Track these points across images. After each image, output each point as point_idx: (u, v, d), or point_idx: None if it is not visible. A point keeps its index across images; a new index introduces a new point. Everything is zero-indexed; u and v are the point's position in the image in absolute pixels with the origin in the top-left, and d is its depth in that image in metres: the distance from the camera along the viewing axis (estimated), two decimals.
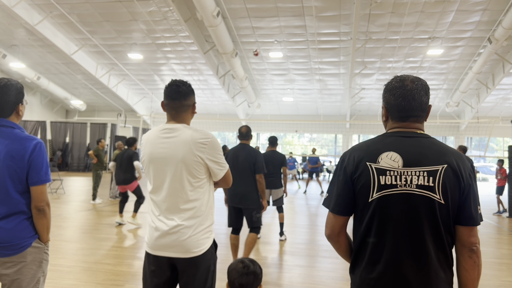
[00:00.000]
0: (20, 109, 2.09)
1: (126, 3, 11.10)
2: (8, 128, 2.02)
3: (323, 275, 4.58)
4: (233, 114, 21.56)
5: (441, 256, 1.43)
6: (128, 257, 5.05)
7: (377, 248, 1.46)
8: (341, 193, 1.53)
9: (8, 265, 1.97)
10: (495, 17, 10.61)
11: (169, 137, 2.06)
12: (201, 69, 15.97)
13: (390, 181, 1.44)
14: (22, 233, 1.98)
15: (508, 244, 6.58)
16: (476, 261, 1.45)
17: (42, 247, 2.08)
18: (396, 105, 1.52)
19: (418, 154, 1.45)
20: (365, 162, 1.48)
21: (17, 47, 15.09)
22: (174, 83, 2.11)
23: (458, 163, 1.44)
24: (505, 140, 20.86)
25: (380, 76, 15.37)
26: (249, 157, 4.33)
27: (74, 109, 22.60)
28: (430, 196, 1.41)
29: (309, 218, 8.41)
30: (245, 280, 1.95)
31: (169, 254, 2.02)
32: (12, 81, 2.05)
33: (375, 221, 1.46)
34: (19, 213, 1.98)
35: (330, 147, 22.91)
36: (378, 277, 1.45)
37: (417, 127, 1.54)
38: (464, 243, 1.45)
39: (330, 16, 11.10)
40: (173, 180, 2.03)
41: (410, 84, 1.50)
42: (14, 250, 1.96)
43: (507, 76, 13.89)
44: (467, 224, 1.44)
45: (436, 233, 1.42)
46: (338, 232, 1.56)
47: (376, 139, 1.55)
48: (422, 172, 1.42)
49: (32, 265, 2.02)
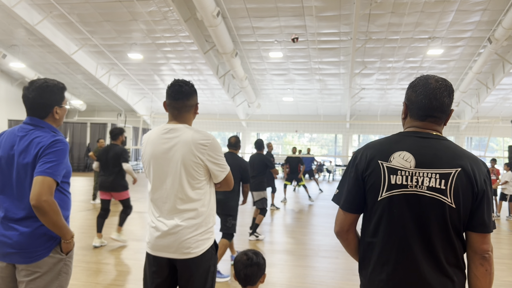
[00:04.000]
0: (57, 111, 1.98)
1: (126, 3, 11.10)
2: (37, 127, 1.92)
3: (323, 275, 4.58)
4: (233, 114, 21.56)
5: (451, 260, 1.40)
6: (128, 257, 5.05)
7: (385, 249, 1.44)
8: (352, 190, 1.51)
9: (23, 273, 1.85)
10: (495, 17, 10.61)
11: (170, 137, 2.05)
12: (201, 69, 15.96)
13: (401, 181, 1.41)
14: (39, 239, 1.84)
15: (508, 244, 6.58)
16: (488, 269, 1.41)
17: (63, 258, 1.91)
18: (416, 102, 1.49)
19: (431, 156, 1.42)
20: (376, 160, 1.46)
21: (17, 47, 15.08)
22: (177, 83, 2.09)
23: (473, 167, 1.40)
24: (505, 140, 20.86)
25: (380, 76, 15.36)
26: (237, 167, 4.41)
27: (74, 109, 22.59)
28: (441, 199, 1.38)
29: (309, 218, 8.40)
30: (250, 271, 2.10)
31: (168, 255, 2.01)
32: (50, 83, 1.95)
33: (384, 220, 1.44)
34: None
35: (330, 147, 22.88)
36: (386, 278, 1.43)
37: (434, 128, 1.50)
38: (476, 250, 1.42)
39: (330, 16, 11.10)
40: (173, 181, 2.02)
41: (434, 83, 1.47)
42: (29, 258, 1.83)
43: (507, 76, 13.88)
44: (479, 231, 1.41)
45: (445, 237, 1.39)
46: (347, 230, 1.55)
47: (391, 137, 1.52)
48: (434, 174, 1.39)
49: (47, 277, 1.86)
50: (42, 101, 1.94)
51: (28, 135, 1.90)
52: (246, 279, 2.11)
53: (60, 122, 2.03)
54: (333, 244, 6.07)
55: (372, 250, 1.48)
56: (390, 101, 18.32)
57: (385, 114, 20.29)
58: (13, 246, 1.84)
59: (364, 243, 1.53)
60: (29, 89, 1.94)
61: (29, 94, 1.94)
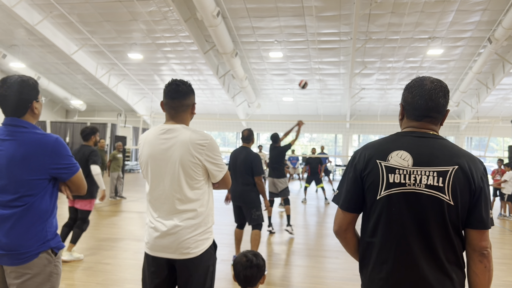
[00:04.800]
0: (36, 106, 1.93)
1: (126, 3, 11.10)
2: (21, 128, 1.86)
3: (323, 275, 4.57)
4: (233, 114, 21.55)
5: (450, 257, 1.42)
6: (128, 257, 5.05)
7: (385, 247, 1.45)
8: (350, 190, 1.53)
9: (13, 275, 1.83)
10: (495, 17, 10.60)
11: (167, 137, 2.04)
12: (201, 69, 15.96)
13: (399, 179, 1.43)
14: (30, 241, 1.83)
15: (508, 244, 6.58)
16: (487, 265, 1.43)
17: (52, 259, 1.91)
18: (412, 103, 1.52)
19: (429, 154, 1.44)
20: (375, 160, 1.48)
21: (17, 47, 15.08)
22: (174, 82, 2.08)
23: (469, 165, 1.42)
24: (505, 140, 20.86)
25: (380, 76, 15.36)
26: (247, 160, 4.58)
27: (74, 109, 22.59)
28: (439, 196, 1.40)
29: (309, 218, 8.40)
30: (249, 272, 2.09)
31: (168, 255, 2.01)
32: (24, 78, 1.90)
33: (382, 219, 1.46)
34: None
35: (330, 147, 22.86)
36: (386, 277, 1.44)
37: (431, 128, 1.52)
38: (474, 247, 1.43)
39: (330, 16, 11.10)
40: (171, 181, 2.01)
41: (429, 84, 1.50)
42: (19, 260, 1.82)
43: (507, 76, 13.87)
44: (477, 227, 1.42)
45: (444, 234, 1.41)
46: (345, 229, 1.56)
47: (388, 137, 1.55)
48: (432, 172, 1.41)
49: (38, 278, 1.85)
50: (22, 97, 1.88)
51: (17, 141, 1.85)
52: (246, 280, 2.11)
53: (38, 117, 1.99)
54: (333, 244, 6.07)
55: (371, 249, 1.50)
56: (390, 101, 18.31)
57: (385, 114, 20.28)
58: (1, 248, 1.82)
59: (363, 242, 1.54)
60: (4, 87, 1.86)
61: (5, 91, 1.85)
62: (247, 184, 4.57)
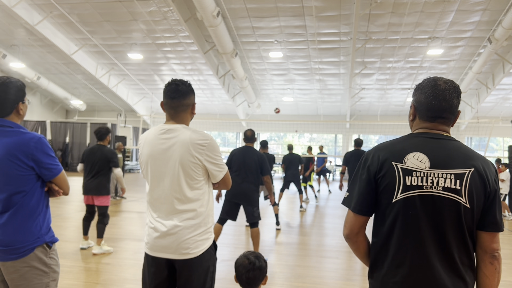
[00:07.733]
0: (21, 108, 1.99)
1: (126, 3, 11.09)
2: (6, 128, 1.92)
3: (323, 275, 4.57)
4: (233, 114, 21.55)
5: (465, 260, 1.41)
6: (128, 257, 5.05)
7: (400, 251, 1.43)
8: (363, 192, 1.49)
9: (10, 270, 1.88)
10: (495, 17, 10.60)
11: (167, 137, 2.03)
12: (201, 69, 15.96)
13: (416, 182, 1.41)
14: (24, 236, 1.88)
15: (508, 244, 6.58)
16: (497, 267, 1.43)
17: (47, 252, 1.97)
18: (426, 103, 1.49)
19: (445, 156, 1.43)
20: (390, 162, 1.45)
21: (17, 47, 15.08)
22: (174, 82, 2.08)
23: (484, 167, 1.42)
24: (505, 140, 20.86)
25: (380, 76, 15.36)
26: (255, 160, 4.78)
27: (74, 109, 22.59)
28: (456, 199, 1.39)
29: (309, 219, 8.40)
30: (252, 275, 2.11)
31: (167, 255, 2.01)
32: (12, 79, 1.96)
33: (399, 222, 1.43)
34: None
35: (330, 147, 22.86)
36: (401, 280, 1.42)
37: (444, 129, 1.51)
38: (486, 249, 1.43)
39: (330, 16, 11.10)
40: (171, 181, 2.01)
41: (443, 85, 1.48)
42: (15, 255, 1.87)
43: (507, 76, 13.87)
44: (491, 229, 1.42)
45: (460, 237, 1.40)
46: (357, 232, 1.53)
47: (401, 139, 1.52)
48: (449, 174, 1.40)
49: (36, 271, 1.92)
50: (8, 97, 1.93)
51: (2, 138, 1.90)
52: (248, 282, 2.12)
53: (23, 118, 2.05)
54: (333, 244, 6.07)
55: (386, 252, 1.47)
56: (390, 101, 18.31)
57: (385, 114, 20.28)
58: None
59: (376, 246, 1.51)
60: None
61: None
62: (253, 183, 4.78)
